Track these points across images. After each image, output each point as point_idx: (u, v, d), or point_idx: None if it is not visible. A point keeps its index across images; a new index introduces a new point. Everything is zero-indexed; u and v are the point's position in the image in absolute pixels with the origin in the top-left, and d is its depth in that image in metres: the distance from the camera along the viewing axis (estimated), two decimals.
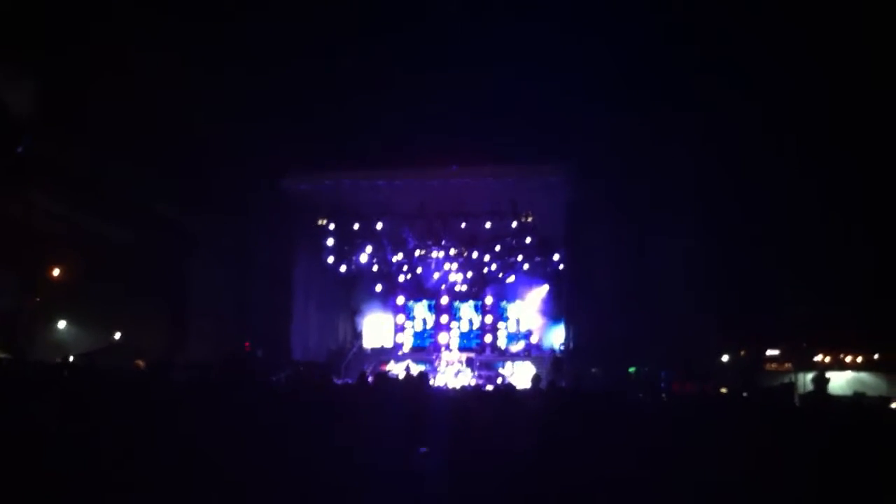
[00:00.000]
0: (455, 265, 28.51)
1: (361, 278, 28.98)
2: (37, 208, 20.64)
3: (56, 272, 25.09)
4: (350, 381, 19.15)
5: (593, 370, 21.18)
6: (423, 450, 7.56)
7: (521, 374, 25.47)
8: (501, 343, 28.95)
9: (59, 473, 5.91)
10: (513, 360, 27.50)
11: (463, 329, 29.55)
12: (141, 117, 19.51)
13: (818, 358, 29.41)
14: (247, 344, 23.46)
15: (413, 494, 6.41)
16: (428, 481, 6.66)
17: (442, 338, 28.88)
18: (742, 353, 28.72)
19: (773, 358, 30.20)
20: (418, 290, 29.67)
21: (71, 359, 19.81)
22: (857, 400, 6.57)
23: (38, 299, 24.14)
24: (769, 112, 20.50)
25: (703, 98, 20.11)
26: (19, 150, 19.17)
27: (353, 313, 30.07)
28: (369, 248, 27.91)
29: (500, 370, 26.70)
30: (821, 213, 22.69)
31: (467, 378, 25.23)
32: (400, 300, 29.87)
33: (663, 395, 15.98)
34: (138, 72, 18.80)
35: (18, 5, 17.03)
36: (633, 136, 20.49)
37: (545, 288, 27.91)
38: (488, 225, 26.00)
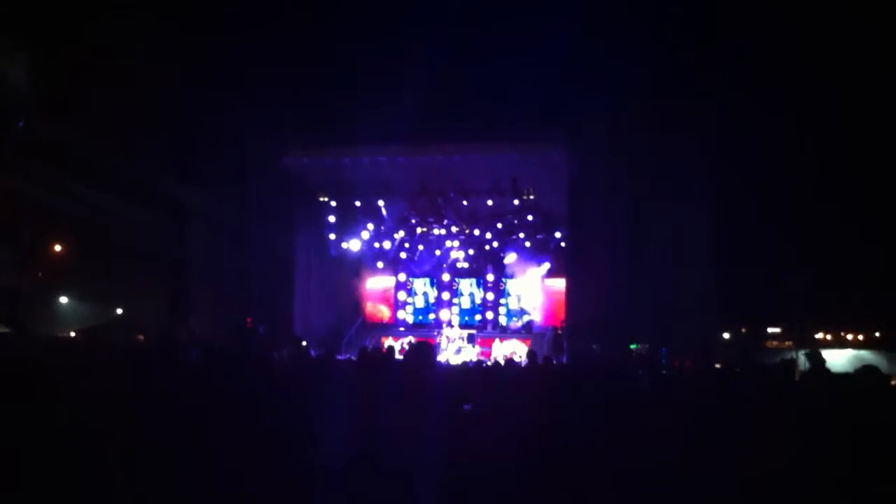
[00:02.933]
0: (456, 242, 28.49)
1: (363, 255, 28.97)
2: (37, 184, 20.64)
3: (57, 248, 25.15)
4: (352, 357, 19.19)
5: (594, 346, 21.21)
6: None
7: (505, 351, 25.43)
8: (502, 320, 28.99)
9: (60, 450, 5.93)
10: (509, 338, 27.50)
11: (464, 306, 29.58)
12: (141, 93, 19.47)
13: (819, 336, 29.51)
14: (248, 320, 23.51)
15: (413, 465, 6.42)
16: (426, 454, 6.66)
17: (443, 314, 28.92)
18: (742, 330, 28.80)
19: (773, 335, 30.30)
20: (419, 266, 29.68)
21: (73, 333, 19.92)
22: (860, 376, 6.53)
23: (39, 274, 24.20)
24: (770, 88, 20.44)
25: (703, 72, 20.04)
26: (20, 125, 19.16)
27: (354, 290, 30.08)
28: (371, 226, 27.91)
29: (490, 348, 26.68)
30: (823, 190, 22.66)
31: (469, 354, 25.28)
32: (401, 277, 29.91)
33: (663, 372, 16.01)
34: (138, 48, 18.74)
35: None
36: (634, 111, 20.43)
37: (546, 265, 27.92)
38: (490, 202, 25.97)
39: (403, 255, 29.36)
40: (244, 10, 19.18)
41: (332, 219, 27.18)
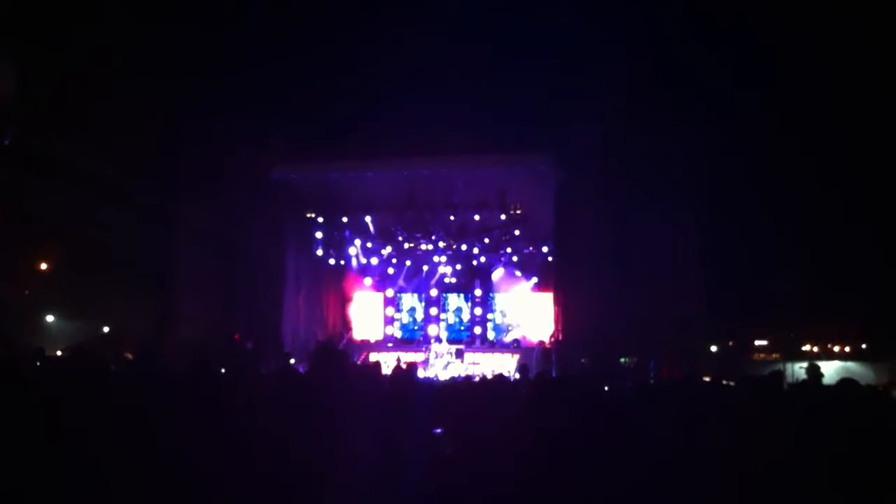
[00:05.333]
0: (444, 258, 28.53)
1: (350, 270, 28.98)
2: (21, 198, 20.50)
3: (43, 265, 24.99)
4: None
5: (582, 360, 21.23)
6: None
7: (494, 366, 25.40)
8: (490, 335, 28.99)
9: (48, 463, 5.88)
10: (498, 352, 27.49)
11: (452, 321, 29.57)
12: (129, 107, 19.41)
13: (806, 347, 29.59)
14: (236, 336, 23.43)
15: (405, 485, 6.40)
16: (419, 471, 6.64)
17: (431, 329, 28.90)
18: (730, 342, 28.85)
19: (760, 347, 30.37)
20: (407, 282, 29.70)
21: (59, 352, 19.78)
22: (846, 387, 6.58)
23: (25, 291, 24.03)
24: (758, 98, 20.52)
25: (692, 83, 20.14)
26: (5, 141, 19.06)
27: (343, 305, 30.05)
28: (358, 241, 27.98)
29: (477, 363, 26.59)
30: (811, 202, 22.78)
31: (457, 370, 25.25)
32: (389, 292, 29.89)
33: (651, 381, 16.06)
34: (126, 60, 18.68)
35: None
36: (622, 124, 20.51)
37: (534, 280, 27.98)
38: (477, 217, 26.03)
39: (391, 270, 29.37)
40: (230, 24, 19.17)
41: (319, 235, 27.20)
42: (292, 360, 20.43)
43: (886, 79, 18.67)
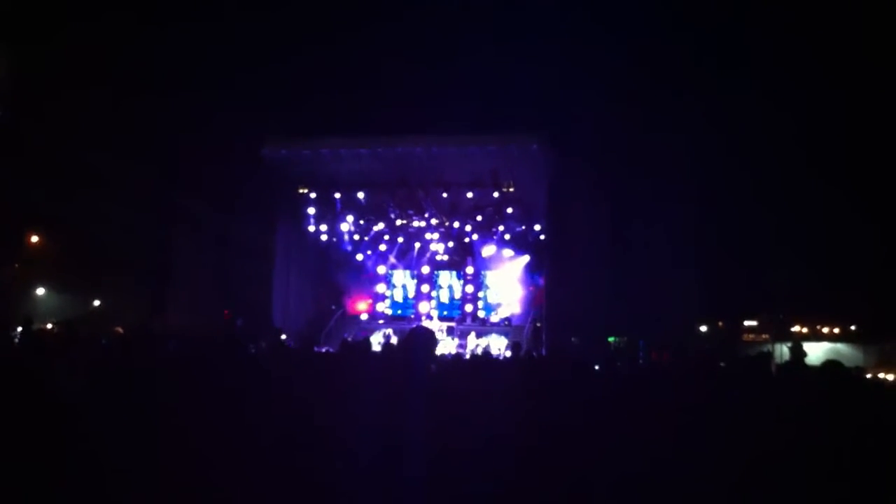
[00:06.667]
0: (436, 235, 28.50)
1: (342, 246, 28.94)
2: (12, 177, 20.42)
3: (34, 239, 24.94)
4: (331, 350, 19.18)
5: (573, 339, 21.30)
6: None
7: (484, 344, 25.49)
8: (481, 313, 29.02)
9: (40, 444, 5.89)
10: (487, 331, 27.53)
11: (443, 298, 29.60)
12: (118, 87, 19.32)
13: (795, 328, 29.78)
14: (226, 312, 23.40)
15: (395, 460, 6.41)
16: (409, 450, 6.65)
17: (422, 307, 28.92)
18: (720, 323, 29.01)
19: (750, 328, 30.55)
20: (399, 259, 29.70)
21: (50, 325, 19.77)
22: (830, 369, 6.63)
23: (16, 266, 24.00)
24: (748, 83, 20.55)
25: (683, 68, 20.13)
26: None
27: (334, 281, 30.02)
28: (350, 218, 27.91)
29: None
30: (801, 186, 22.84)
31: (448, 347, 25.30)
32: (381, 269, 29.87)
33: (640, 361, 16.14)
34: (115, 40, 18.59)
35: None
36: (614, 106, 20.51)
37: (526, 258, 27.97)
38: (470, 195, 25.96)
39: (383, 247, 29.34)
40: (221, 4, 19.06)
41: (311, 211, 27.11)
42: (283, 336, 20.43)
43: (883, 75, 18.74)
